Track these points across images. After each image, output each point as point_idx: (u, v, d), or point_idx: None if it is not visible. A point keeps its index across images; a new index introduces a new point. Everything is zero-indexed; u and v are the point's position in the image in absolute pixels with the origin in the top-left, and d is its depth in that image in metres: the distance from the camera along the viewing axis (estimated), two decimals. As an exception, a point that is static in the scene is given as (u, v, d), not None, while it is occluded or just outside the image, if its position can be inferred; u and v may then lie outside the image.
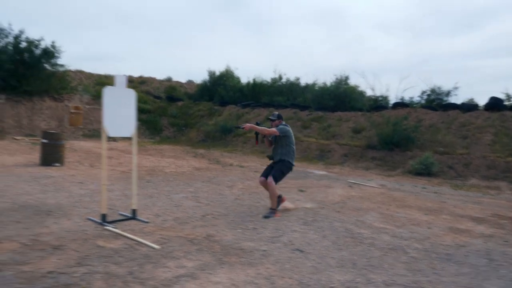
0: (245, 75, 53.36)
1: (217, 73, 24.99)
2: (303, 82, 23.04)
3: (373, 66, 55.33)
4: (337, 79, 20.09)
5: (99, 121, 20.77)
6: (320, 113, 17.82)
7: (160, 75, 37.85)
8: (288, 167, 5.66)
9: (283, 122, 5.78)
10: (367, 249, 4.32)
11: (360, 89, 20.24)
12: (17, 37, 18.18)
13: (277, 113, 5.93)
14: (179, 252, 3.77)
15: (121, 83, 4.60)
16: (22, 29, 18.62)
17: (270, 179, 5.45)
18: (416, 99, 18.21)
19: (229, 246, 4.09)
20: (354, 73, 40.29)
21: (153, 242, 3.97)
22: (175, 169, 10.03)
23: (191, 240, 4.19)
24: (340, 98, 18.18)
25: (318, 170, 11.44)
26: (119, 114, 4.47)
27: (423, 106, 16.52)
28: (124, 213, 5.00)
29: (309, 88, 21.94)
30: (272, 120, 5.80)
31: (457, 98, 17.86)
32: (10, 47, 17.82)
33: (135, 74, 30.06)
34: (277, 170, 5.58)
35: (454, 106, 15.30)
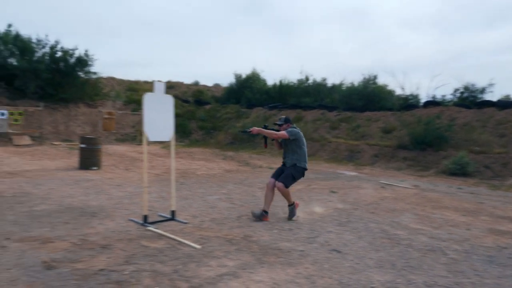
0: (271, 77, 53.57)
1: (244, 76, 25.26)
2: (330, 82, 22.97)
3: (401, 64, 54.35)
4: (364, 78, 19.89)
5: (130, 125, 21.42)
6: (348, 114, 17.67)
7: (187, 80, 38.58)
8: (300, 173, 5.37)
9: (294, 125, 5.50)
10: (404, 250, 4.29)
11: (389, 88, 19.93)
12: (53, 47, 19.05)
13: (284, 116, 5.63)
14: (219, 252, 3.88)
15: (159, 89, 4.79)
16: (58, 40, 19.49)
17: (279, 184, 5.20)
18: (449, 97, 17.74)
19: (267, 246, 4.17)
20: (382, 72, 39.66)
21: (194, 242, 4.11)
22: (206, 172, 10.22)
23: (230, 240, 4.30)
24: (368, 97, 17.97)
25: (348, 171, 11.36)
26: (159, 119, 4.64)
27: (456, 104, 16.07)
28: (163, 214, 5.18)
29: (336, 88, 21.80)
30: (279, 125, 5.48)
31: (493, 95, 17.32)
32: (47, 57, 18.66)
33: (164, 79, 30.77)
34: (288, 175, 5.28)
35: (489, 104, 14.80)
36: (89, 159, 9.64)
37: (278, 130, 5.44)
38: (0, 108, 15.01)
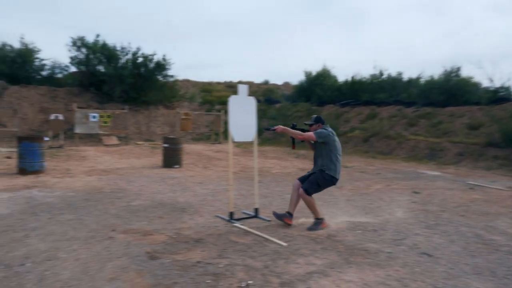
0: (343, 73, 52.28)
1: (314, 73, 25.00)
2: (406, 76, 21.79)
3: (488, 53, 49.55)
4: (446, 71, 18.49)
5: (205, 125, 22.39)
6: (427, 109, 16.64)
7: (257, 79, 39.20)
8: (327, 180, 4.71)
9: (326, 126, 4.86)
10: (505, 257, 3.97)
11: (474, 80, 18.34)
12: (134, 54, 20.61)
13: (315, 115, 5.04)
14: (306, 250, 3.94)
15: (243, 91, 4.97)
16: (139, 46, 21.04)
17: (301, 190, 4.70)
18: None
19: (352, 246, 4.13)
20: (466, 63, 36.43)
21: (279, 239, 4.21)
22: (280, 170, 10.34)
23: (314, 239, 4.33)
24: (450, 91, 16.73)
25: (430, 171, 10.72)
26: (243, 120, 4.83)
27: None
28: (247, 212, 5.37)
29: (413, 82, 20.64)
30: (310, 125, 4.93)
31: None
32: (129, 63, 20.23)
33: (234, 79, 31.65)
34: (312, 181, 4.70)
35: None
36: (171, 158, 10.29)
37: (308, 130, 4.92)
38: (91, 112, 16.60)
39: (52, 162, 9.99)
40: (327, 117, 19.67)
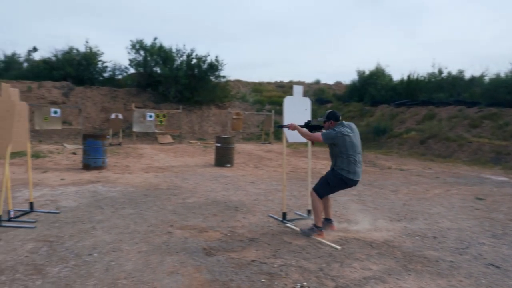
0: (398, 71, 50.32)
1: (367, 72, 24.30)
2: (468, 74, 20.48)
3: None
4: (514, 68, 17.14)
5: (255, 125, 22.58)
6: (493, 110, 15.51)
7: (308, 79, 38.84)
8: (339, 180, 4.26)
9: (340, 123, 4.38)
10: None
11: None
12: (189, 55, 21.28)
13: (328, 111, 4.57)
14: (361, 254, 3.84)
15: (298, 92, 4.95)
16: (193, 48, 21.71)
17: (311, 190, 4.46)
18: None
19: (410, 253, 3.97)
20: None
21: (333, 242, 4.15)
22: (332, 171, 10.16)
23: (369, 243, 4.21)
24: (519, 90, 15.48)
25: (495, 176, 10.00)
26: (297, 121, 4.79)
27: None
28: (300, 213, 5.35)
29: (476, 81, 19.33)
30: (324, 122, 4.56)
31: None
32: (184, 64, 20.92)
33: (285, 79, 31.63)
34: (323, 181, 4.39)
35: None
36: (223, 157, 10.49)
37: (322, 127, 4.57)
38: (148, 111, 17.38)
39: (112, 159, 10.60)
40: (380, 117, 19.05)
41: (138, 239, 4.04)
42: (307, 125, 4.64)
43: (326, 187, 4.36)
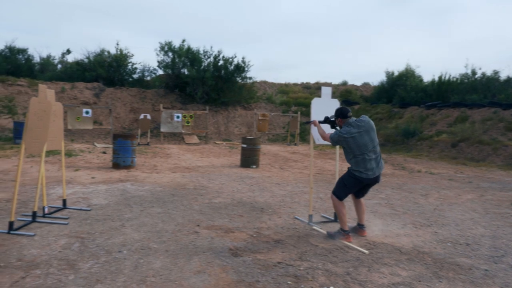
0: (429, 72, 49.03)
1: (396, 73, 23.80)
2: (504, 75, 19.69)
3: None
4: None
5: (281, 126, 22.53)
6: (530, 112, 14.84)
7: (335, 80, 38.42)
8: (352, 179, 4.19)
9: (352, 120, 4.24)
10: None
11: None
12: (216, 57, 21.49)
13: (337, 108, 4.47)
14: (389, 260, 3.75)
15: (326, 94, 4.90)
16: (220, 50, 21.88)
17: (331, 193, 4.40)
18: None
19: (442, 259, 3.84)
20: None
21: (360, 246, 4.07)
22: (359, 174, 9.99)
23: (398, 248, 4.11)
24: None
25: (532, 181, 9.54)
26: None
27: None
28: (326, 215, 5.29)
29: (512, 82, 18.57)
30: (335, 119, 4.49)
31: None
32: (211, 66, 21.14)
33: (312, 80, 31.39)
34: (339, 182, 4.35)
35: None
36: (249, 158, 10.52)
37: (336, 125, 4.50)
38: (175, 112, 17.66)
39: (140, 158, 10.84)
40: (409, 119, 18.57)
41: (166, 237, 4.10)
42: (326, 120, 4.59)
43: (343, 188, 4.29)
